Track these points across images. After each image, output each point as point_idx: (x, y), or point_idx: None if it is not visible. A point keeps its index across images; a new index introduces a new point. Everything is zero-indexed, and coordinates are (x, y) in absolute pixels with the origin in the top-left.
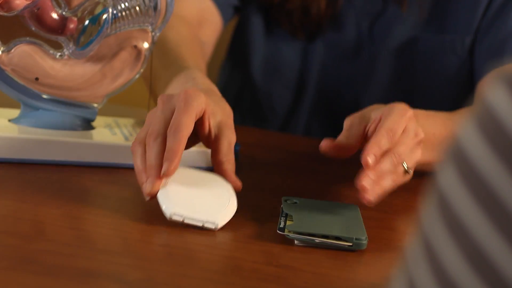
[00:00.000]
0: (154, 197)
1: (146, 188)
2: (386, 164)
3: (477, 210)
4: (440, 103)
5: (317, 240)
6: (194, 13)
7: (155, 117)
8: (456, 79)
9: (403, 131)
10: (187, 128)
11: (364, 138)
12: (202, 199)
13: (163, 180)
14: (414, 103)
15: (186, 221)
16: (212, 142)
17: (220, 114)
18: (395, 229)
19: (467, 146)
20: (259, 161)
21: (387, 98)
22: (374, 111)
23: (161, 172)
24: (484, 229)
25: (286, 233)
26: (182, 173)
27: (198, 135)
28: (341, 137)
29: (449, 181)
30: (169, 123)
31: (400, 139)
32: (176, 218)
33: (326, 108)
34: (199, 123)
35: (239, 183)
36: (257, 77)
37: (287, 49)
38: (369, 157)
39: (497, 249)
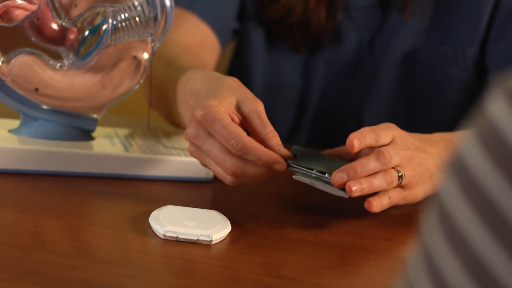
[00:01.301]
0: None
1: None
2: (372, 160)
3: (478, 223)
4: (443, 115)
5: (314, 175)
6: (192, 38)
7: (211, 142)
8: (458, 90)
9: (391, 142)
10: (241, 133)
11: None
12: (194, 221)
13: None
14: (416, 115)
15: (180, 237)
16: (247, 126)
17: (235, 98)
18: (395, 240)
19: (468, 158)
20: None
21: (389, 110)
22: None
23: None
24: (485, 241)
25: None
26: (175, 208)
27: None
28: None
29: (450, 193)
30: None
31: (388, 145)
32: (170, 234)
33: (327, 123)
34: None
35: (282, 161)
36: (258, 96)
37: (287, 67)
38: (354, 141)
39: (498, 261)
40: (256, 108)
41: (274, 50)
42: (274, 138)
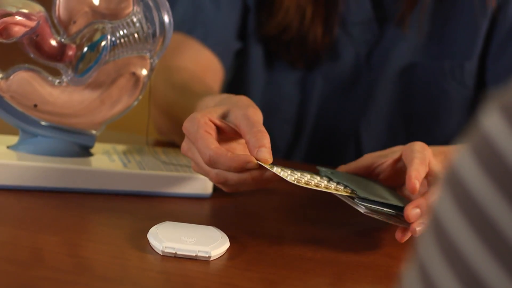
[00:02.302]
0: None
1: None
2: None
3: (473, 236)
4: (441, 130)
5: (386, 211)
6: (196, 64)
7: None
8: (456, 105)
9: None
10: (209, 144)
11: (372, 172)
12: (193, 237)
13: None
14: (414, 130)
15: (178, 253)
16: (238, 130)
17: (227, 108)
18: (393, 256)
19: (463, 172)
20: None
21: (387, 125)
22: (393, 152)
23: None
24: (480, 255)
25: (360, 201)
26: (173, 225)
27: (230, 136)
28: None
29: (445, 207)
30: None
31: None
32: (169, 250)
33: (325, 138)
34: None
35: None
36: None
37: (285, 83)
38: (415, 182)
39: (493, 275)
40: (246, 112)
41: (273, 66)
42: (258, 138)
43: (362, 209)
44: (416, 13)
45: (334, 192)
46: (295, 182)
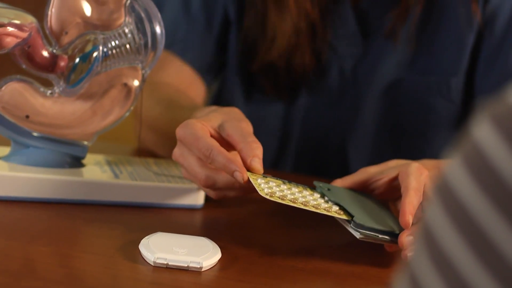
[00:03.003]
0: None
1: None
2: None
3: (463, 246)
4: (428, 146)
5: (380, 236)
6: (179, 80)
7: (191, 158)
8: (443, 121)
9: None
10: (213, 143)
11: (368, 187)
12: (185, 247)
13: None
14: (401, 146)
15: (170, 263)
16: (229, 142)
17: (221, 118)
18: (385, 266)
19: (454, 182)
20: (246, 199)
21: (373, 141)
22: (389, 170)
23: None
24: (470, 265)
25: (355, 226)
26: (165, 235)
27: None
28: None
29: (435, 217)
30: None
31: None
32: (160, 261)
33: (312, 153)
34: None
35: (259, 168)
36: None
37: (270, 98)
38: (408, 218)
39: (483, 285)
40: (239, 124)
41: (255, 92)
42: (253, 148)
43: (357, 235)
44: (406, 26)
45: (325, 212)
46: (278, 200)
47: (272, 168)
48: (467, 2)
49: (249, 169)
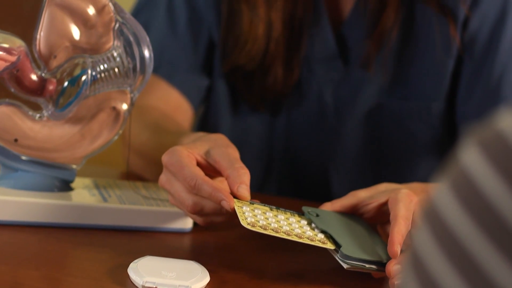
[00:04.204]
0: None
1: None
2: None
3: (451, 271)
4: (410, 171)
5: (368, 265)
6: (166, 104)
7: (177, 185)
8: (424, 146)
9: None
10: (198, 172)
11: (357, 211)
12: (173, 271)
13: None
14: (383, 170)
15: (159, 287)
16: (216, 168)
17: (207, 144)
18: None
19: (442, 207)
20: (234, 223)
21: (355, 165)
22: (379, 194)
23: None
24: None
25: (342, 257)
26: (154, 259)
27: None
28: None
29: (423, 242)
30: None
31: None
32: (149, 285)
33: (295, 176)
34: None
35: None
36: None
37: (252, 119)
38: (397, 248)
39: None
40: (226, 150)
41: (239, 102)
42: (240, 174)
43: (344, 265)
44: (381, 55)
45: (308, 242)
46: (260, 231)
47: (257, 191)
48: (445, 27)
49: (236, 195)
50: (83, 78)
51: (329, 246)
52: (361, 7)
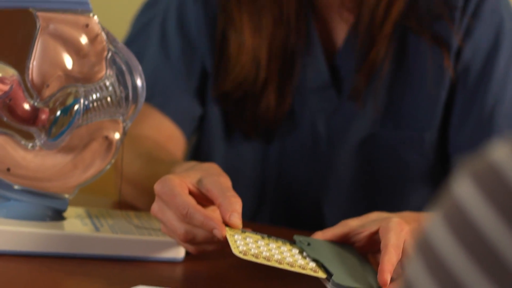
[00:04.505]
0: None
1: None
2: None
3: None
4: (403, 201)
5: None
6: (158, 133)
7: (169, 213)
8: (417, 176)
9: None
10: (190, 201)
11: (348, 240)
12: None
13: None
14: (376, 200)
15: None
16: (208, 197)
17: (199, 173)
18: None
19: (434, 239)
20: (226, 252)
21: (348, 195)
22: (370, 223)
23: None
24: None
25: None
26: None
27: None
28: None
29: (416, 273)
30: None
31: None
32: None
33: (288, 205)
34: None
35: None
36: None
37: (245, 148)
38: (387, 276)
39: None
40: (218, 179)
41: (233, 130)
42: (232, 202)
43: None
44: (372, 87)
45: (300, 271)
46: (252, 259)
47: (250, 220)
48: (438, 58)
49: (228, 224)
50: (76, 107)
51: (321, 274)
52: (359, 35)
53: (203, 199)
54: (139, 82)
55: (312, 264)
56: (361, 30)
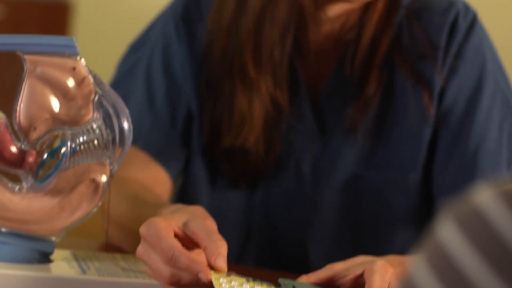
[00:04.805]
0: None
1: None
2: None
3: None
4: (388, 240)
5: None
6: (144, 175)
7: (154, 256)
8: (401, 216)
9: None
10: (175, 244)
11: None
12: None
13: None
14: (361, 240)
15: None
16: (194, 239)
17: (185, 216)
18: None
19: (418, 282)
20: None
21: (333, 236)
22: (355, 266)
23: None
24: None
25: None
26: None
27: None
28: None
29: None
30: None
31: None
32: None
33: (273, 247)
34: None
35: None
36: None
37: (232, 194)
38: None
39: None
40: (204, 222)
41: (219, 178)
42: (218, 246)
43: None
44: (365, 121)
45: None
46: None
47: (236, 261)
48: (419, 95)
49: (213, 267)
50: (63, 150)
51: None
52: (346, 73)
53: (189, 241)
54: (126, 125)
55: None
56: (348, 66)
